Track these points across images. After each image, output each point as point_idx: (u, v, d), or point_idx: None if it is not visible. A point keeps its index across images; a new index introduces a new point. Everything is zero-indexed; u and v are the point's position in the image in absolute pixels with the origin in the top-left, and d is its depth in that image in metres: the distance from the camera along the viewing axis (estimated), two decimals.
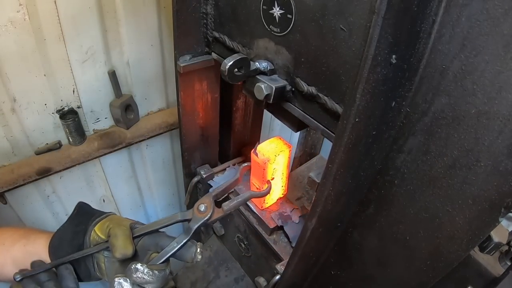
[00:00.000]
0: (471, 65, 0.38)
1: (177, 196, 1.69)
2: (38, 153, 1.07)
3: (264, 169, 0.82)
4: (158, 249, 0.63)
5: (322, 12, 0.49)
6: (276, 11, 0.56)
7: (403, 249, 0.54)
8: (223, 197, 0.77)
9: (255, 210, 0.90)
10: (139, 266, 0.55)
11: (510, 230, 0.72)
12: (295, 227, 0.88)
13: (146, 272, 0.56)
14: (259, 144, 0.85)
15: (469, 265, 0.71)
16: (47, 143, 1.08)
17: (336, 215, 0.59)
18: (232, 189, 0.87)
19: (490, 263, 0.71)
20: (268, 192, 0.77)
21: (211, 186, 1.02)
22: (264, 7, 0.58)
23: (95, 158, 1.16)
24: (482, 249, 0.71)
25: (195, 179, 1.02)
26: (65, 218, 1.32)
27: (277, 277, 0.77)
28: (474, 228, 0.44)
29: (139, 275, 0.55)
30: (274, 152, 0.82)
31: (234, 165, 1.10)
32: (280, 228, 0.88)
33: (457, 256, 0.47)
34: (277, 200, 0.93)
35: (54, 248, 0.64)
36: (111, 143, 1.16)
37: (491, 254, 0.71)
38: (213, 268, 1.13)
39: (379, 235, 0.57)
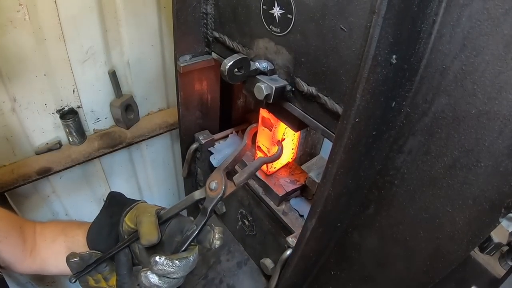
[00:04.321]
0: (471, 65, 0.38)
1: (177, 196, 1.68)
2: (38, 153, 1.07)
3: (275, 127, 0.74)
4: (183, 236, 0.62)
5: (322, 12, 0.49)
6: (276, 11, 0.56)
7: (403, 250, 0.54)
8: (234, 167, 0.72)
9: (261, 177, 0.82)
10: (157, 258, 0.54)
11: (510, 231, 0.72)
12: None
13: (166, 264, 0.54)
14: None
15: (469, 265, 0.70)
16: (47, 143, 1.08)
17: (336, 215, 0.59)
18: (243, 157, 0.80)
19: (490, 263, 0.71)
20: (279, 156, 0.71)
21: (212, 153, 0.95)
22: (264, 7, 0.58)
23: (95, 158, 1.16)
24: (482, 250, 0.71)
25: (194, 145, 0.95)
26: (65, 218, 1.32)
27: (288, 251, 0.69)
28: (474, 228, 0.44)
29: (160, 267, 0.54)
30: None
31: (237, 132, 1.02)
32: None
33: (457, 256, 0.47)
34: (286, 164, 0.85)
35: (92, 243, 0.66)
36: (111, 143, 1.16)
37: (491, 254, 0.71)
38: (213, 252, 1.06)
39: (379, 236, 0.57)
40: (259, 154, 0.83)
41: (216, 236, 0.61)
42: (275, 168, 0.83)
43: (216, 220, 1.11)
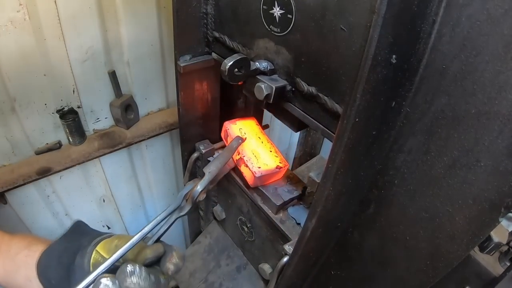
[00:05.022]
0: (471, 65, 0.38)
1: (177, 196, 1.68)
2: (38, 153, 1.07)
3: (227, 129, 0.85)
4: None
5: (322, 12, 0.49)
6: (276, 11, 0.56)
7: (403, 249, 0.54)
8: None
9: (259, 186, 0.83)
10: (137, 268, 0.46)
11: (510, 230, 0.72)
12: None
13: (144, 277, 0.46)
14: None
15: (469, 265, 0.71)
16: (47, 143, 1.08)
17: (336, 215, 0.59)
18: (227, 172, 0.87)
19: (490, 263, 0.71)
20: (241, 140, 0.77)
21: None
22: (264, 7, 0.58)
23: (95, 158, 1.16)
24: (482, 249, 0.71)
25: (195, 155, 0.97)
26: (65, 218, 1.32)
27: (285, 258, 0.71)
28: (474, 228, 0.44)
29: (134, 281, 0.45)
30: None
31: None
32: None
33: (457, 256, 0.47)
34: (281, 173, 0.85)
35: (42, 267, 0.57)
36: (111, 143, 1.16)
37: (491, 254, 0.71)
38: (213, 257, 1.08)
39: (379, 235, 0.57)
40: (243, 168, 0.83)
41: (173, 261, 0.52)
42: (259, 168, 0.79)
43: (216, 226, 1.12)
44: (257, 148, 0.84)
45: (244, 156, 0.80)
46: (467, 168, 0.42)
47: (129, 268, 0.46)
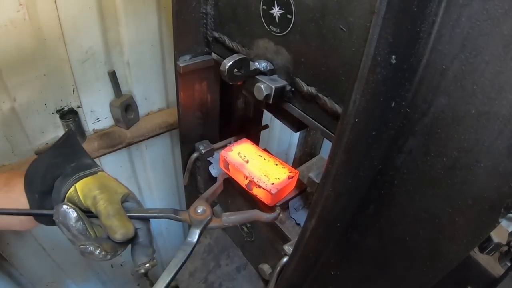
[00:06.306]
0: (471, 66, 0.38)
1: (177, 196, 1.68)
2: (38, 153, 1.07)
3: (226, 159, 0.84)
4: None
5: (322, 12, 0.49)
6: (276, 11, 0.56)
7: (402, 250, 0.54)
8: (214, 199, 0.75)
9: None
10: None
11: (510, 231, 0.72)
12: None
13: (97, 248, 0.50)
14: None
15: (469, 265, 0.71)
16: (47, 143, 1.08)
17: (335, 216, 0.59)
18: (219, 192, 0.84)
19: (490, 263, 0.71)
20: (276, 217, 0.73)
21: (211, 163, 0.98)
22: (264, 7, 0.58)
23: (95, 158, 1.16)
24: (482, 250, 0.71)
25: (194, 155, 0.97)
26: None
27: (285, 259, 0.72)
28: (474, 228, 0.44)
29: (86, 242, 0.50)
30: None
31: (235, 141, 1.04)
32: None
33: (457, 256, 0.47)
34: (293, 183, 0.85)
35: (28, 183, 0.59)
36: (111, 143, 1.16)
37: (490, 254, 0.71)
38: (213, 257, 1.08)
39: (379, 236, 0.57)
40: (255, 190, 0.81)
41: (146, 266, 0.56)
42: (272, 184, 0.77)
43: None
44: (263, 166, 0.83)
45: (253, 178, 0.78)
46: (467, 169, 0.42)
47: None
